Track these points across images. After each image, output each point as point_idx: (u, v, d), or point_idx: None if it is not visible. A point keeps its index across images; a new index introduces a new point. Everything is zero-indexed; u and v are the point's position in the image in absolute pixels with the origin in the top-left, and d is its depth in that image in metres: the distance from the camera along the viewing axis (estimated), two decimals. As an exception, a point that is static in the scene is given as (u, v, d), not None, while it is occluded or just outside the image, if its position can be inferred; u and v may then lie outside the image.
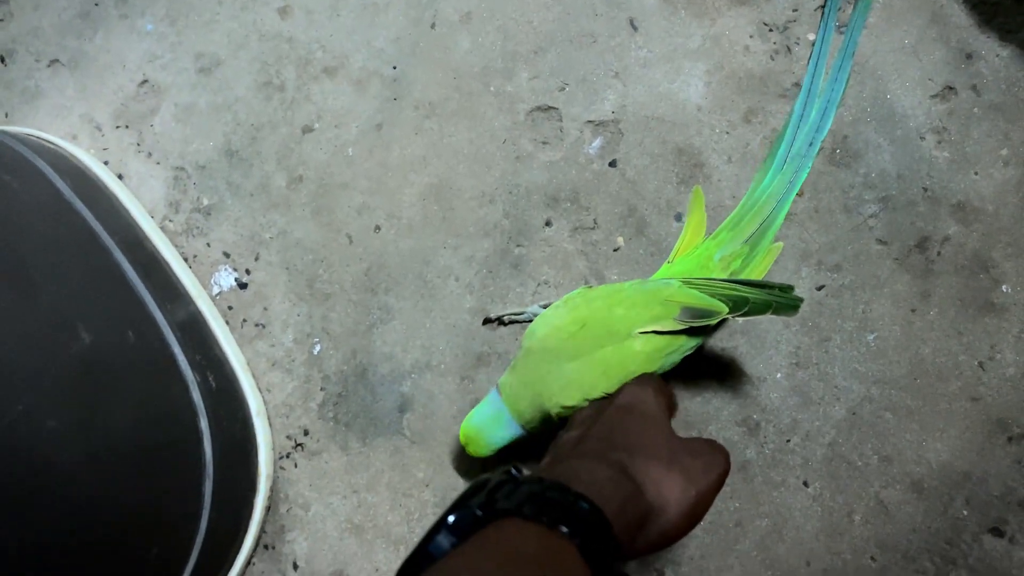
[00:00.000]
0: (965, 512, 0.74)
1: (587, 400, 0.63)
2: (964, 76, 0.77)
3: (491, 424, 0.70)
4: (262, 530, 0.85)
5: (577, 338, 0.64)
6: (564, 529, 0.39)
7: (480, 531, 0.39)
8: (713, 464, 0.50)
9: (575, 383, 0.63)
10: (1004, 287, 0.75)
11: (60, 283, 0.73)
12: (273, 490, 0.85)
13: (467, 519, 0.40)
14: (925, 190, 0.77)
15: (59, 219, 0.80)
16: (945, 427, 0.74)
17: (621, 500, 0.44)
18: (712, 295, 0.64)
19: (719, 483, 0.50)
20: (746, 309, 0.63)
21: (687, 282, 0.67)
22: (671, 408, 0.56)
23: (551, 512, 0.40)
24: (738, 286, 0.66)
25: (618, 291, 0.67)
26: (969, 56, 0.77)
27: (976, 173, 0.76)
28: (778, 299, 0.65)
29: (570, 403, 0.64)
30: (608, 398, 0.60)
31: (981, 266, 0.75)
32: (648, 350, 0.63)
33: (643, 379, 0.61)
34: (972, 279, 0.75)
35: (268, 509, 0.85)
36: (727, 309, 0.63)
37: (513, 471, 0.44)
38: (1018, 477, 0.73)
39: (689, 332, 0.65)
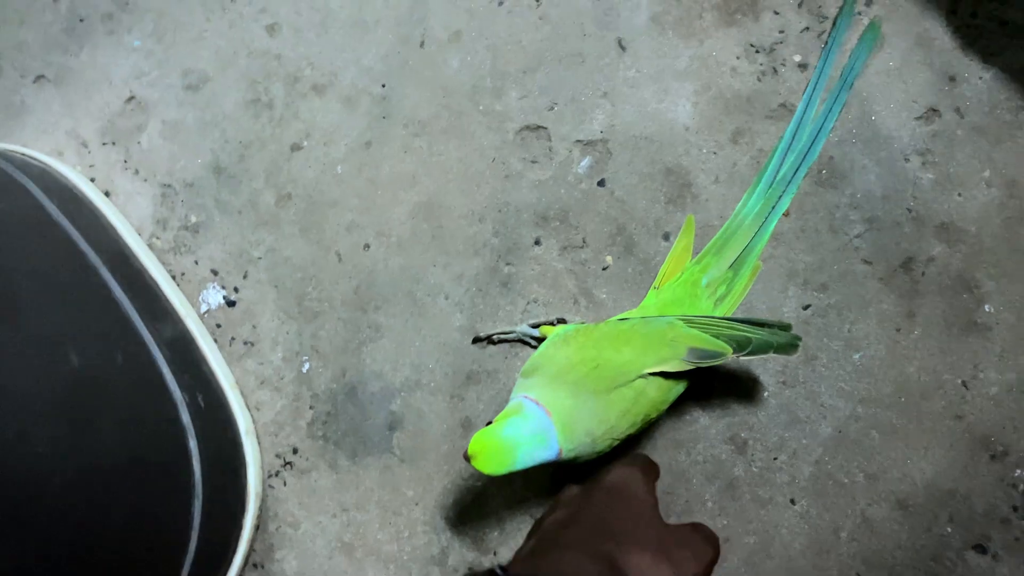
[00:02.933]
0: (949, 529, 0.74)
1: (614, 439, 0.64)
2: (948, 98, 0.78)
3: (531, 442, 0.61)
4: (251, 549, 0.85)
5: (592, 377, 0.64)
6: None
7: None
8: (702, 554, 0.48)
9: (601, 419, 0.63)
10: (987, 307, 0.76)
11: (47, 304, 0.72)
12: (262, 509, 0.85)
13: None
14: (910, 211, 0.78)
15: (45, 238, 0.80)
16: (930, 445, 0.75)
17: None
18: (715, 335, 0.65)
19: (707, 573, 0.49)
20: (749, 349, 0.65)
21: (688, 321, 0.68)
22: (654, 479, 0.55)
23: None
24: (740, 325, 0.68)
25: (622, 331, 0.67)
26: (952, 79, 0.78)
27: (960, 195, 0.77)
28: (779, 339, 0.67)
29: (601, 446, 0.64)
30: (595, 478, 0.59)
31: (965, 286, 0.76)
32: (660, 393, 0.65)
33: (631, 457, 0.60)
34: (956, 299, 0.76)
35: (257, 528, 0.84)
36: (732, 350, 0.64)
37: (498, 571, 0.43)
38: (1001, 495, 0.74)
39: (689, 372, 0.67)
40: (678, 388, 0.68)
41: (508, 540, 0.81)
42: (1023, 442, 0.74)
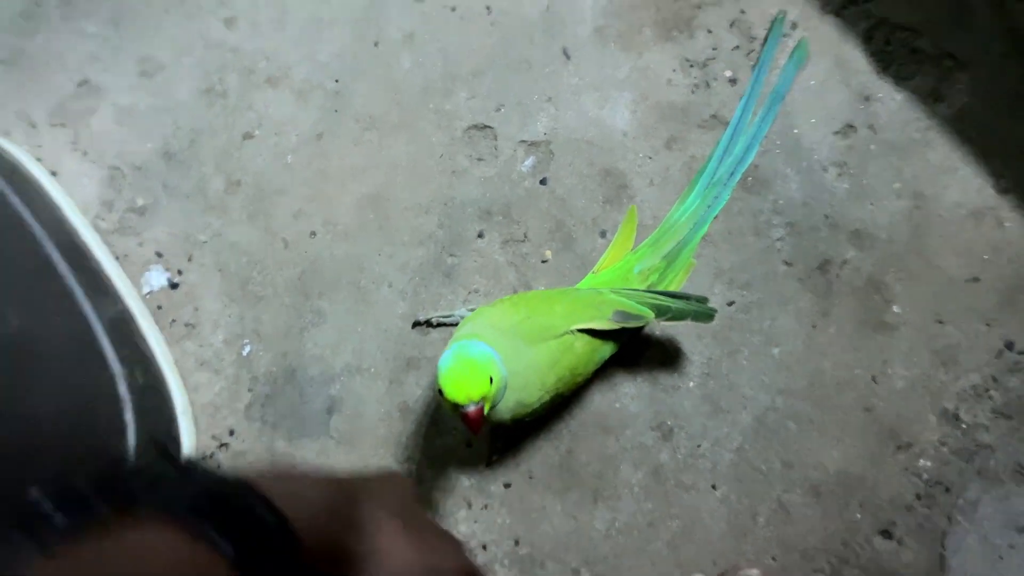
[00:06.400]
0: (859, 515, 0.79)
1: (544, 391, 0.68)
2: (863, 116, 0.85)
3: (493, 360, 0.63)
4: (182, 530, 0.84)
5: (524, 325, 0.68)
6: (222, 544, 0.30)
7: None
8: (452, 554, 0.42)
9: (533, 367, 0.67)
10: (895, 308, 0.82)
11: (-12, 267, 0.73)
12: (195, 490, 0.85)
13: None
14: (827, 217, 0.84)
15: (-11, 208, 0.80)
16: (841, 435, 0.80)
17: (332, 533, 0.35)
18: (640, 303, 0.71)
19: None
20: (669, 315, 0.71)
21: (616, 292, 0.73)
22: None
23: (207, 513, 0.30)
24: (661, 296, 0.74)
25: (553, 294, 0.74)
26: (867, 98, 0.85)
27: (872, 204, 0.83)
28: (696, 309, 0.73)
29: (532, 398, 0.67)
30: None
31: (875, 288, 0.82)
32: (586, 350, 0.70)
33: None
34: (867, 300, 0.82)
35: (189, 508, 0.84)
36: (653, 315, 0.70)
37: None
38: (906, 483, 0.79)
39: (615, 336, 0.72)
40: (604, 349, 0.73)
41: (441, 523, 0.82)
42: (926, 434, 0.79)
